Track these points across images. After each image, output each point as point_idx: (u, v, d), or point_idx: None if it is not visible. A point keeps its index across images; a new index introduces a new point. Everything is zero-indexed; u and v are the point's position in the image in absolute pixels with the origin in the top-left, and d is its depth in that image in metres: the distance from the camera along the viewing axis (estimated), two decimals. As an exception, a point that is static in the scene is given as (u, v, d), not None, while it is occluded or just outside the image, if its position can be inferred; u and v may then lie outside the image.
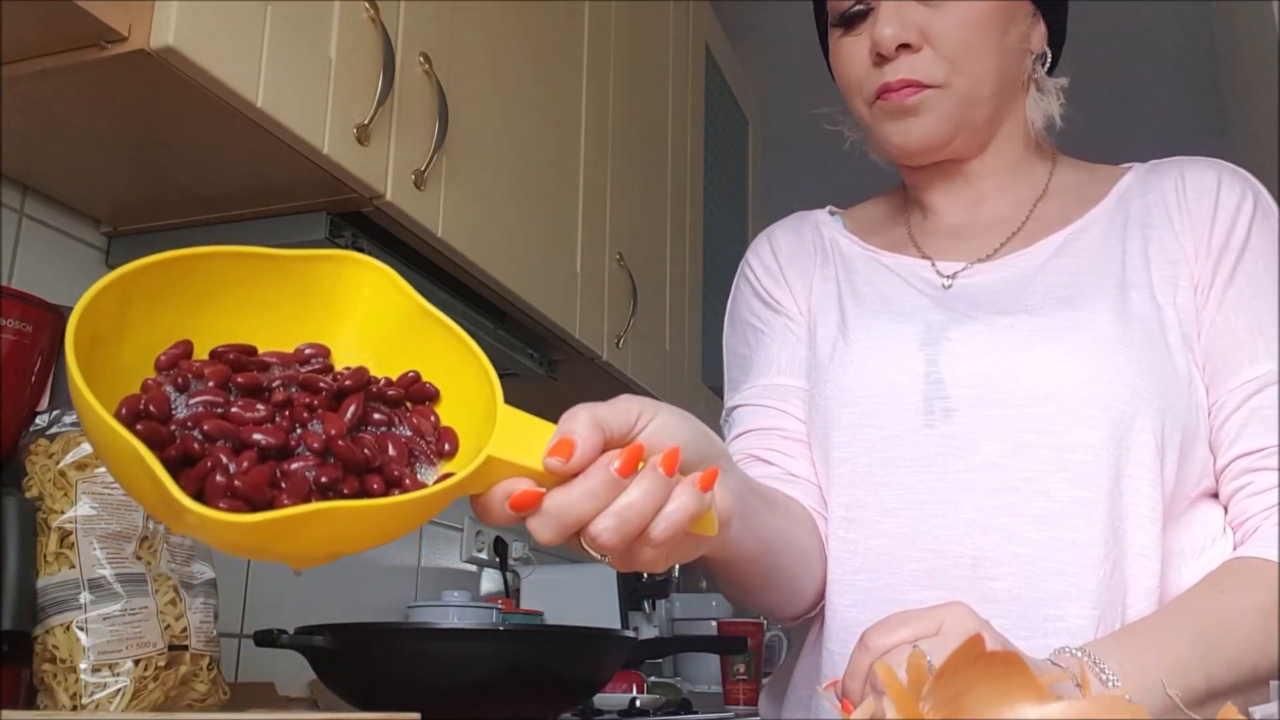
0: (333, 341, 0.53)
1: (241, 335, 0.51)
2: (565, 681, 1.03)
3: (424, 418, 0.52)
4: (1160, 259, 0.87)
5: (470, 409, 0.52)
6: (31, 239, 1.17)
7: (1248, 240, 0.86)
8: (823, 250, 1.05)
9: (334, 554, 0.47)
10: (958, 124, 0.89)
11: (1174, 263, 0.86)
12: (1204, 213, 0.88)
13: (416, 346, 0.53)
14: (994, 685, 0.40)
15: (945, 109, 0.88)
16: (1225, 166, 0.92)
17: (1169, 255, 0.87)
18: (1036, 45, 0.93)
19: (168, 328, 0.49)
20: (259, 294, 0.52)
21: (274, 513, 0.42)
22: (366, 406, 0.50)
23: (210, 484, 0.44)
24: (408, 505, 0.46)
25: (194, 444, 0.45)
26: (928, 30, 0.86)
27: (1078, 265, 0.88)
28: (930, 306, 0.89)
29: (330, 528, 0.44)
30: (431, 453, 0.51)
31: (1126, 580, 0.80)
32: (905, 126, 0.90)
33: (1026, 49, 0.92)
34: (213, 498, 0.43)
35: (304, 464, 0.46)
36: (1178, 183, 0.91)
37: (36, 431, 0.86)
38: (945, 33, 0.86)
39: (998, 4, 0.88)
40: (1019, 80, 0.93)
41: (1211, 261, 0.86)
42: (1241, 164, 0.95)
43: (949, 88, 0.87)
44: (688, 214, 2.19)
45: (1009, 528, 0.80)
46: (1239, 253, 0.86)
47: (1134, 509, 0.80)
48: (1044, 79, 0.95)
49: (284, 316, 0.52)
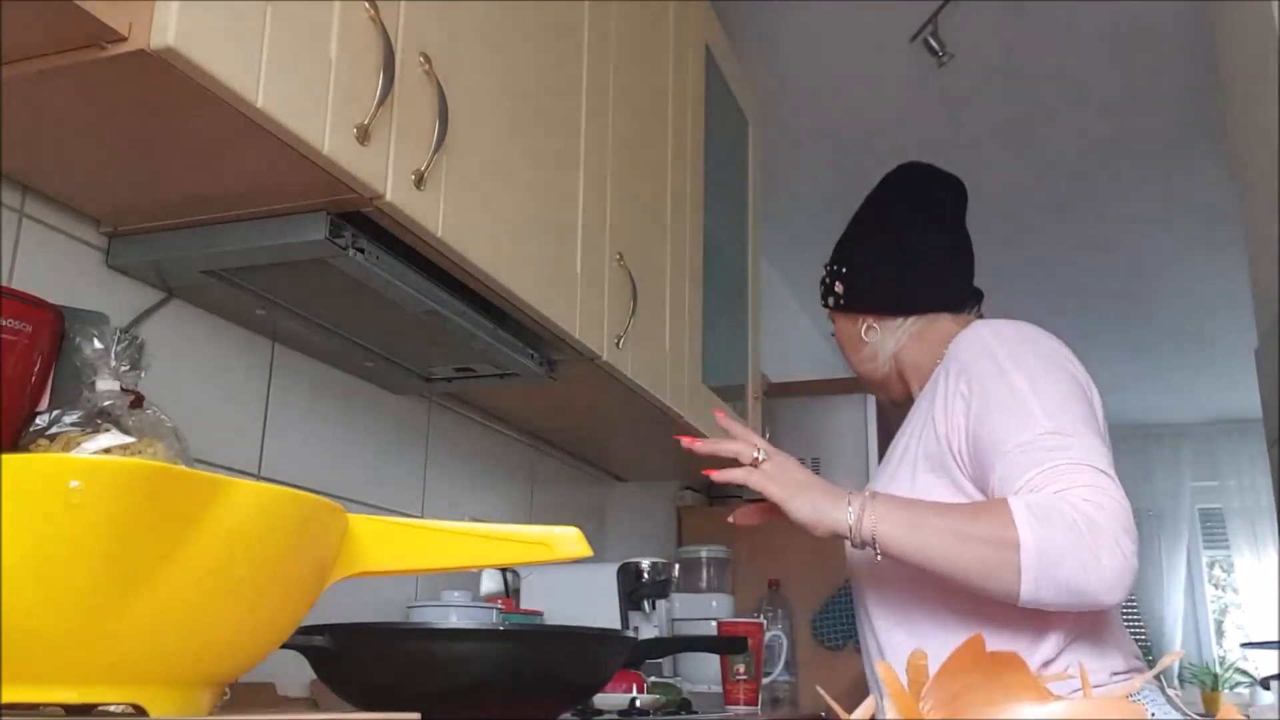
0: None
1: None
2: (565, 681, 1.03)
3: None
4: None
5: None
6: (31, 239, 1.17)
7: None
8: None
9: None
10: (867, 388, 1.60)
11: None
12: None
13: None
14: (994, 685, 0.40)
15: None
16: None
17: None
18: (874, 333, 1.50)
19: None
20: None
21: None
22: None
23: None
24: None
25: None
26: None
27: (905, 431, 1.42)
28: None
29: None
30: None
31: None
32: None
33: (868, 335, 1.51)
34: None
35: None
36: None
37: (36, 431, 0.86)
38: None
39: (843, 327, 1.55)
40: (874, 353, 1.51)
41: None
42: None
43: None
44: (688, 214, 2.19)
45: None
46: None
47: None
48: (882, 335, 1.49)
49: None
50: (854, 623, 1.47)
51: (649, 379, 1.90)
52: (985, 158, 3.44)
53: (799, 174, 3.56)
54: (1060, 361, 1.29)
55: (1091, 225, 3.95)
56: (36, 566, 0.53)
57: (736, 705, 1.87)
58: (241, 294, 1.33)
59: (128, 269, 1.27)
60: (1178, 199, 3.73)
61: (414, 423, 1.86)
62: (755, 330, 2.74)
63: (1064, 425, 1.17)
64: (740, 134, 2.71)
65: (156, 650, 0.57)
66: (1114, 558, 1.07)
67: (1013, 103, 3.12)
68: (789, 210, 3.79)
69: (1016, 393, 1.22)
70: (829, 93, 3.07)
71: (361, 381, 1.72)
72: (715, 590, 2.90)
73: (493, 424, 2.13)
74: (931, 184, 1.55)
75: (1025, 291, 4.58)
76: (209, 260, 1.23)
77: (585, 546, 0.76)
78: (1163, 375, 5.82)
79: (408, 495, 1.83)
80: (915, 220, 1.51)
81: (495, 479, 2.12)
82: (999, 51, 2.87)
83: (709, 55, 2.42)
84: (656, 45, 2.07)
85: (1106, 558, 1.07)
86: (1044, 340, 1.33)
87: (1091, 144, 3.35)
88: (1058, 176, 3.57)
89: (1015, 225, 3.92)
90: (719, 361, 2.38)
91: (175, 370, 1.35)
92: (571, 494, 2.50)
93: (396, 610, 1.72)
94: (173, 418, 0.96)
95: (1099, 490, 1.10)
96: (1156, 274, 4.42)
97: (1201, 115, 3.17)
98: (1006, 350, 1.28)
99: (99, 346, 0.92)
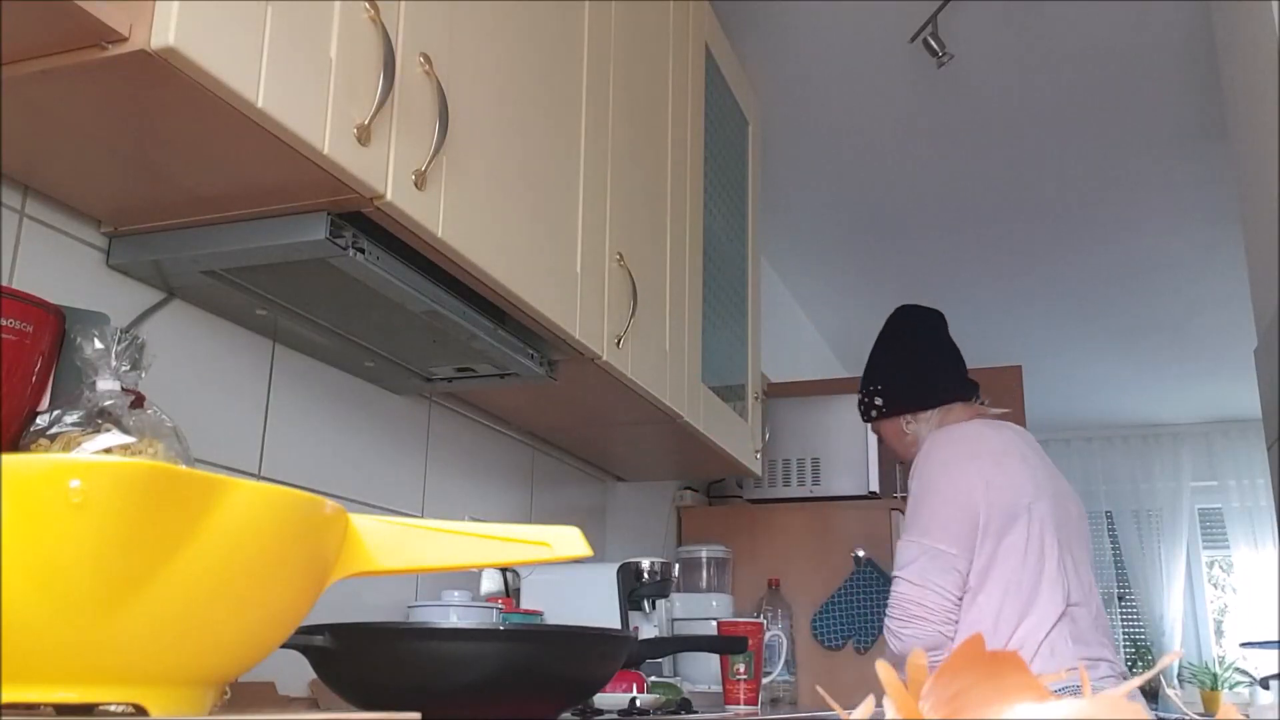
0: None
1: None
2: (565, 681, 1.03)
3: None
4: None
5: None
6: (31, 239, 1.18)
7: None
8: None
9: None
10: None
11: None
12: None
13: None
14: (994, 685, 0.40)
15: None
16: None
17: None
18: (913, 425, 2.15)
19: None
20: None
21: None
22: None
23: None
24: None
25: None
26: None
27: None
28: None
29: None
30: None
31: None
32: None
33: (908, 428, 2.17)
34: None
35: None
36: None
37: (37, 431, 0.86)
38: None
39: (887, 430, 2.21)
40: (915, 440, 2.14)
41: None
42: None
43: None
44: (688, 214, 2.19)
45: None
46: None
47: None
48: (918, 425, 2.14)
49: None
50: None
51: (649, 379, 1.90)
52: (985, 158, 3.44)
53: (799, 174, 3.56)
54: (950, 471, 1.96)
55: (1091, 225, 3.95)
56: (37, 566, 0.53)
57: (736, 705, 1.87)
58: (242, 294, 1.33)
59: (128, 269, 1.27)
60: (1177, 199, 3.74)
61: (414, 423, 1.86)
62: (755, 330, 2.74)
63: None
64: (740, 134, 2.71)
65: (157, 650, 0.57)
66: (894, 641, 1.90)
67: (1012, 103, 3.12)
68: (789, 210, 3.79)
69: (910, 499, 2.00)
70: (829, 93, 3.07)
71: (361, 381, 1.72)
72: (715, 590, 2.90)
73: (493, 424, 2.13)
74: (922, 316, 2.21)
75: (1024, 292, 4.59)
76: (209, 260, 1.23)
77: (585, 546, 0.76)
78: (1163, 375, 5.82)
79: (408, 495, 1.83)
80: (920, 341, 2.17)
81: (495, 479, 2.13)
82: (999, 52, 2.87)
83: (709, 55, 2.42)
84: (656, 45, 2.07)
85: (890, 642, 1.93)
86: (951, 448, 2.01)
87: (1091, 144, 3.35)
88: (1057, 176, 3.57)
89: (1014, 225, 3.92)
90: (719, 361, 2.39)
91: (175, 370, 1.35)
92: (571, 494, 2.50)
93: (396, 610, 1.72)
94: (173, 418, 0.96)
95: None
96: (1156, 274, 4.42)
97: (1201, 115, 3.17)
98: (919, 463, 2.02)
99: (99, 346, 0.92)
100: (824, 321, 4.94)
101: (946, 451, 1.96)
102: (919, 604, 1.86)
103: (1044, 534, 1.90)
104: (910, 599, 1.86)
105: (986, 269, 4.33)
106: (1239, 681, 6.44)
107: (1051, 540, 1.90)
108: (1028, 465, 1.95)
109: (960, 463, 1.93)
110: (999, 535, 1.88)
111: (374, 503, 1.74)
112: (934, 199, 3.72)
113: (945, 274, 4.39)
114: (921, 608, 1.86)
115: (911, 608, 1.86)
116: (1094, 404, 6.28)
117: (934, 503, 1.91)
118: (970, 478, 1.91)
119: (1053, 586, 1.87)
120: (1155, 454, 6.84)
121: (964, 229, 3.94)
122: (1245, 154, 2.08)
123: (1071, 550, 1.94)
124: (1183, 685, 6.46)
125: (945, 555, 1.87)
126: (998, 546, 1.88)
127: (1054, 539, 1.90)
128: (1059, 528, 1.92)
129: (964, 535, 1.89)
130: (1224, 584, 6.83)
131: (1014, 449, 1.97)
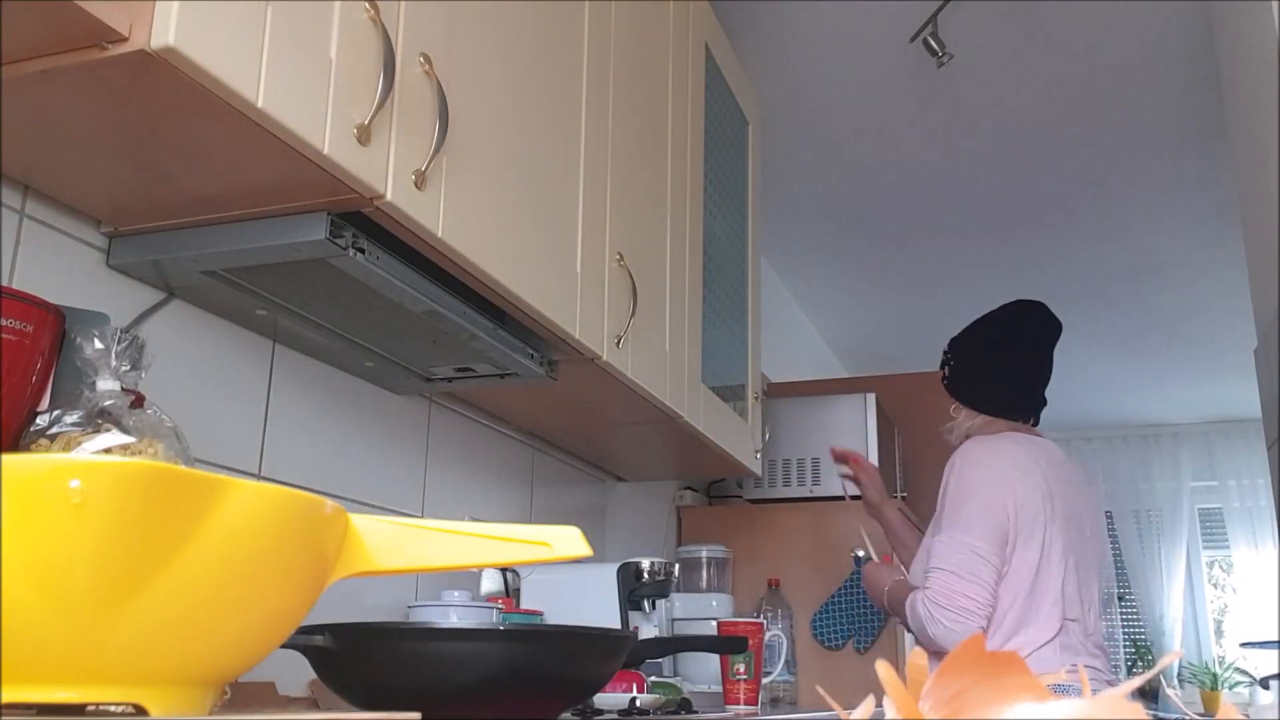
0: None
1: None
2: (565, 681, 1.03)
3: None
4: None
5: None
6: (31, 239, 1.17)
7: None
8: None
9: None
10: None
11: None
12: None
13: None
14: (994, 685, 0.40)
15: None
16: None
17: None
18: (959, 412, 2.24)
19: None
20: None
21: None
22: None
23: None
24: None
25: None
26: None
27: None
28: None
29: None
30: None
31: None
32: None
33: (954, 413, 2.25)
34: None
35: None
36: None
37: (37, 431, 0.86)
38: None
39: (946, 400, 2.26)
40: (951, 428, 2.24)
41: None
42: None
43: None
44: (688, 214, 2.19)
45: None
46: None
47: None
48: (962, 414, 2.23)
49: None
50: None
51: (649, 379, 1.90)
52: (985, 158, 3.44)
53: (799, 174, 3.56)
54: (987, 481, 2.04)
55: (1091, 225, 3.95)
56: (36, 566, 0.53)
57: (736, 705, 1.87)
58: (242, 294, 1.33)
59: (128, 269, 1.27)
60: (1177, 198, 3.73)
61: (414, 423, 1.86)
62: (755, 330, 2.74)
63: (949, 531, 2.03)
64: (740, 134, 2.70)
65: (156, 650, 0.57)
66: (935, 627, 1.95)
67: (1012, 102, 3.12)
68: (789, 210, 3.79)
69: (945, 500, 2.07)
70: (829, 92, 3.07)
71: (362, 381, 1.72)
72: (715, 590, 2.90)
73: (493, 424, 2.13)
74: (1035, 318, 2.20)
75: (1025, 292, 4.58)
76: (209, 260, 1.23)
77: (585, 546, 0.76)
78: (1163, 375, 5.82)
79: (408, 495, 1.83)
80: (1008, 344, 2.18)
81: (495, 479, 2.13)
82: (999, 52, 2.87)
83: (709, 55, 2.42)
84: (656, 45, 2.07)
85: (929, 627, 1.97)
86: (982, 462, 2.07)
87: (1091, 144, 3.35)
88: (1057, 176, 3.57)
89: (1014, 225, 3.92)
90: (719, 361, 2.39)
91: (175, 370, 1.35)
92: (571, 494, 2.50)
93: (396, 610, 1.72)
94: (173, 418, 0.96)
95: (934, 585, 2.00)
96: (1156, 273, 4.42)
97: (1201, 115, 3.17)
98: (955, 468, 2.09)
99: (99, 346, 0.92)
100: (824, 321, 4.94)
101: (992, 461, 2.03)
102: (966, 595, 1.93)
103: (1052, 554, 2.00)
104: (958, 591, 1.93)
105: (986, 269, 4.33)
106: (1239, 681, 6.44)
107: (1059, 561, 2.00)
108: (1046, 484, 2.04)
109: (1002, 476, 2.01)
110: (1015, 549, 2.00)
111: (374, 503, 1.74)
112: (934, 199, 3.72)
113: (945, 274, 4.39)
114: (969, 599, 1.93)
115: (959, 599, 1.93)
116: (1094, 404, 6.28)
117: (975, 508, 1.99)
118: (1004, 492, 2.00)
119: (1053, 605, 1.98)
120: (1155, 454, 6.84)
121: (964, 229, 3.94)
122: (1245, 154, 2.08)
123: (1078, 571, 2.05)
124: (1183, 685, 6.46)
125: (985, 557, 1.96)
126: (1011, 560, 1.99)
127: (1061, 560, 2.01)
128: (1068, 549, 2.03)
129: (999, 543, 1.98)
130: (1224, 584, 6.83)
131: (1037, 468, 2.05)
